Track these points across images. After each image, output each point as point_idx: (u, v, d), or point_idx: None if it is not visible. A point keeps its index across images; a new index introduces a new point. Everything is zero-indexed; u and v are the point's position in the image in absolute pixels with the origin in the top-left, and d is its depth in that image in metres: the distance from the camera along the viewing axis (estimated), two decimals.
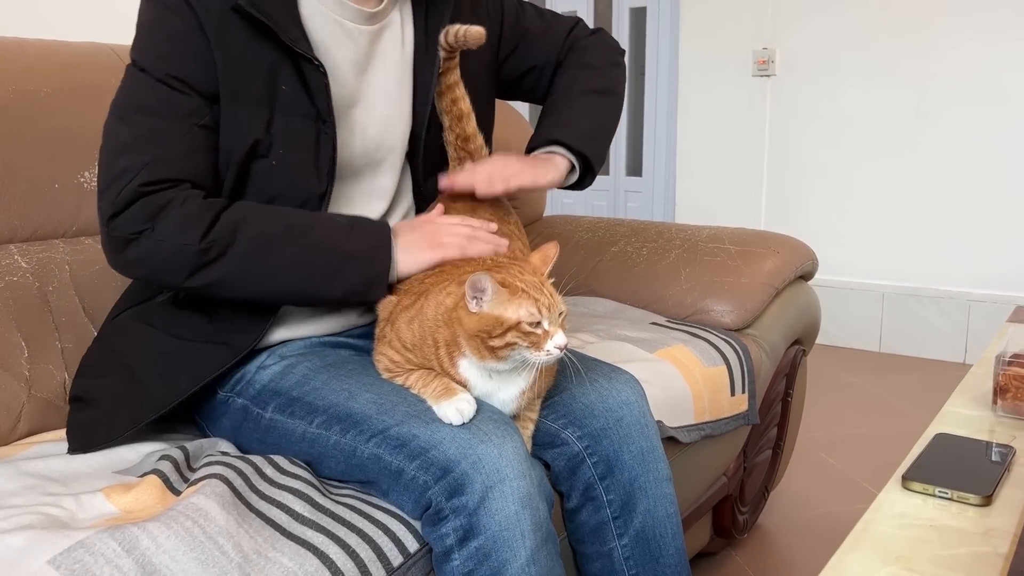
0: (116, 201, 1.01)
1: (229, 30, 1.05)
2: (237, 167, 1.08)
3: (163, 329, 1.13)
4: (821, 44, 3.37)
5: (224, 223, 1.03)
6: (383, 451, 0.98)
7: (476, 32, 1.20)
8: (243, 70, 1.06)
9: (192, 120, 1.04)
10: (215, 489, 0.90)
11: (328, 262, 1.07)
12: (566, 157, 1.27)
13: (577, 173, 1.29)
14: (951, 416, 1.04)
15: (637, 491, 1.13)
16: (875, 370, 3.10)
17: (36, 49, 1.34)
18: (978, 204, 3.13)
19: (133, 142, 1.03)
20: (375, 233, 1.11)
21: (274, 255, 1.05)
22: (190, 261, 1.03)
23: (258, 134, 1.07)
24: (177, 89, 1.04)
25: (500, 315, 0.94)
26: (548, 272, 1.03)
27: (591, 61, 1.36)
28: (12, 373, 1.18)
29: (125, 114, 1.05)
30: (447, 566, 0.93)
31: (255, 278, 1.06)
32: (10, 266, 1.24)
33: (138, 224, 1.01)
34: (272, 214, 1.07)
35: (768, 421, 1.78)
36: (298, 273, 1.06)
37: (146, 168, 1.01)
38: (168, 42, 1.05)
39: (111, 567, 0.77)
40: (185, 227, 1.02)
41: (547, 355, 0.95)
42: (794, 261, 1.76)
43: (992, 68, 3.04)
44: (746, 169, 3.62)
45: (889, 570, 0.70)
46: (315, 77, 1.08)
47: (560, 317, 0.97)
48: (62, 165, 1.31)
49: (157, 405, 1.08)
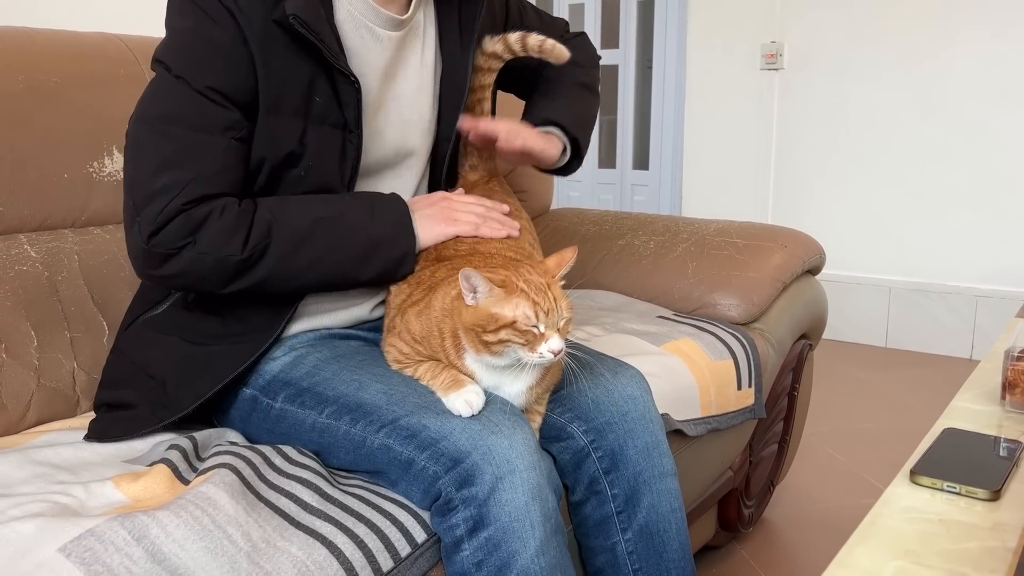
0: (157, 219, 1.00)
1: (271, 43, 1.03)
2: (268, 175, 1.08)
3: (178, 335, 1.13)
4: (830, 38, 3.36)
5: (258, 226, 1.04)
6: (393, 441, 0.98)
7: (561, 52, 1.25)
8: (283, 82, 1.05)
9: (231, 134, 1.03)
10: (224, 478, 0.90)
11: (360, 248, 1.10)
12: (560, 139, 1.30)
13: (567, 157, 1.32)
14: (959, 411, 1.04)
15: (641, 486, 1.13)
16: (881, 366, 3.10)
17: (45, 39, 1.34)
18: (986, 199, 3.12)
19: (173, 158, 1.01)
20: (395, 211, 1.14)
21: (309, 250, 1.07)
22: (233, 270, 1.04)
23: (292, 146, 1.07)
24: (217, 103, 1.02)
25: (496, 312, 0.94)
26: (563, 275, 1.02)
27: (578, 59, 1.38)
28: (21, 362, 1.19)
29: (161, 126, 1.02)
30: (456, 557, 0.94)
31: (293, 274, 1.07)
32: (20, 255, 1.24)
33: (180, 240, 1.01)
34: (299, 209, 1.08)
35: (774, 415, 1.77)
36: (333, 262, 1.09)
37: (189, 187, 1.00)
38: (209, 53, 1.02)
39: (121, 555, 0.78)
40: (226, 238, 1.02)
41: (540, 357, 0.95)
42: (801, 255, 1.76)
43: (1001, 62, 3.03)
44: (753, 163, 3.61)
45: (898, 563, 0.70)
46: (348, 91, 1.09)
47: (562, 323, 0.96)
48: (71, 155, 1.31)
49: (179, 408, 1.09)
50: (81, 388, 1.24)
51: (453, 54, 1.25)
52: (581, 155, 1.35)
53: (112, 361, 1.19)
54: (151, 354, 1.14)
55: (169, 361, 1.12)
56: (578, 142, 1.32)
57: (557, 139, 1.29)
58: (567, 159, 1.33)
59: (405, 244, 1.13)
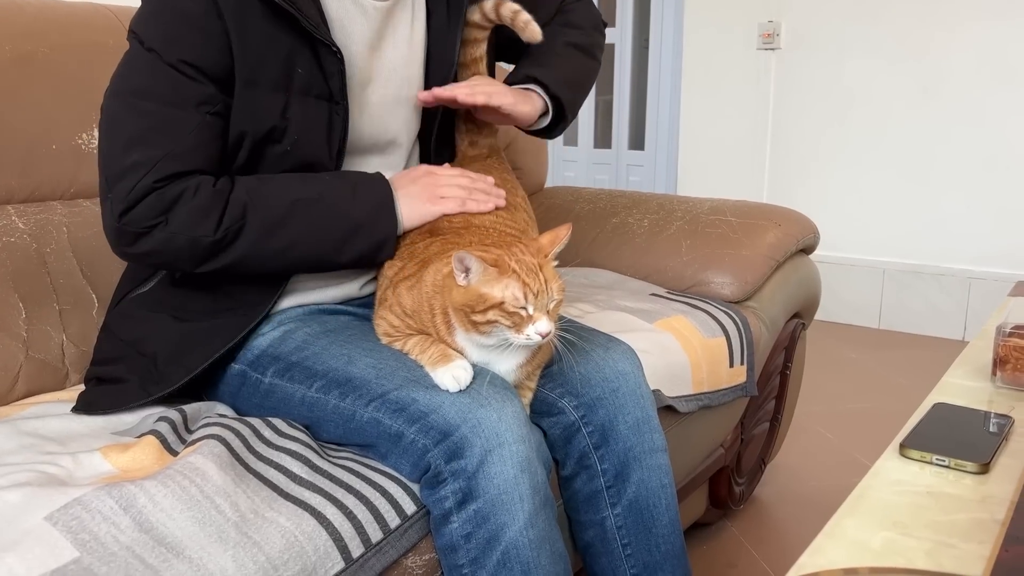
0: (128, 197, 0.98)
1: (247, 13, 1.01)
2: (249, 151, 1.06)
3: (167, 312, 1.12)
4: (827, 18, 3.34)
5: (233, 207, 1.02)
6: (382, 415, 0.98)
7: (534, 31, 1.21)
8: (261, 55, 1.03)
9: (204, 109, 1.01)
10: (213, 449, 0.90)
11: (337, 231, 1.07)
12: (541, 97, 1.25)
13: (549, 117, 1.27)
14: (950, 387, 1.04)
15: (631, 461, 1.13)
16: (874, 346, 3.11)
17: (34, 8, 1.33)
18: (981, 182, 3.11)
19: (143, 134, 0.99)
20: (378, 193, 1.10)
21: (285, 233, 1.05)
22: (205, 250, 1.02)
23: (274, 120, 1.05)
24: (189, 76, 1.00)
25: (485, 292, 0.94)
26: (556, 253, 1.01)
27: (575, 21, 1.35)
28: (10, 334, 1.18)
29: (132, 100, 1.00)
30: (445, 528, 0.94)
31: (268, 256, 1.06)
32: (7, 227, 1.23)
33: (151, 219, 0.99)
34: (277, 189, 1.06)
35: (766, 394, 1.78)
36: (309, 246, 1.07)
37: (159, 164, 0.99)
38: (181, 25, 1.00)
39: (108, 524, 0.77)
40: (199, 219, 1.00)
41: (527, 339, 0.94)
42: (795, 234, 1.75)
43: (999, 44, 3.02)
44: (749, 143, 3.60)
45: (886, 535, 0.70)
46: (331, 61, 1.06)
47: (552, 305, 0.96)
48: (60, 126, 1.30)
49: (169, 383, 1.08)
50: (70, 360, 1.24)
51: (440, 29, 1.22)
52: (567, 116, 1.28)
53: (102, 339, 1.18)
54: (140, 331, 1.13)
55: (159, 338, 1.11)
56: (561, 101, 1.25)
57: (537, 97, 1.24)
58: (549, 119, 1.27)
59: (386, 228, 1.10)
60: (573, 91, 1.29)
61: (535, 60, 1.28)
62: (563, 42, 1.32)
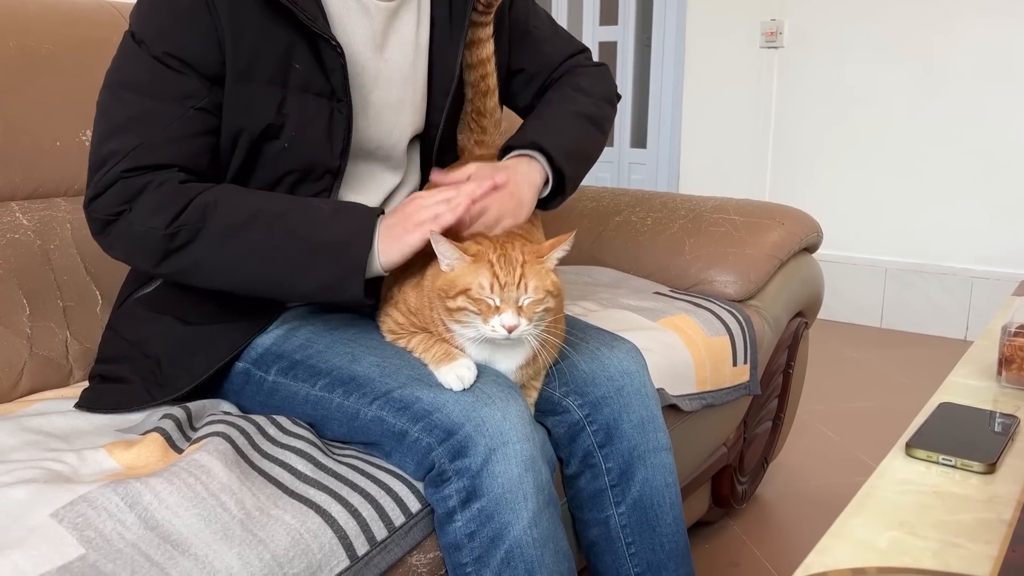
0: (99, 184, 0.99)
1: (241, 8, 1.00)
2: (246, 148, 1.04)
3: (171, 315, 1.11)
4: (830, 16, 3.33)
5: (195, 207, 0.98)
6: (386, 413, 0.98)
7: None
8: (256, 50, 1.01)
9: (189, 103, 1.00)
10: (218, 447, 0.90)
11: (297, 250, 0.98)
12: (543, 168, 1.17)
13: (548, 189, 1.18)
14: (955, 386, 1.04)
15: (636, 460, 1.13)
16: (876, 345, 3.10)
17: (38, 5, 1.33)
18: (983, 181, 3.11)
19: (122, 124, 0.99)
20: (359, 221, 1.00)
21: (239, 243, 0.98)
22: (159, 246, 0.98)
23: (270, 117, 1.03)
24: (175, 69, 0.99)
25: (456, 278, 0.95)
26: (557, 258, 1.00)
27: (588, 88, 1.28)
28: (14, 330, 1.18)
29: (118, 91, 1.01)
30: (449, 527, 0.94)
31: (223, 266, 1.00)
32: (12, 223, 1.23)
33: (116, 206, 0.98)
34: (248, 198, 1.01)
35: (769, 392, 1.78)
36: (264, 262, 0.99)
37: (132, 154, 0.98)
38: (171, 18, 1.00)
39: (113, 521, 0.77)
40: (155, 211, 0.98)
41: (492, 331, 0.94)
42: (799, 233, 1.75)
43: (1001, 44, 3.01)
44: (751, 142, 3.59)
45: (892, 534, 0.70)
46: (331, 56, 1.04)
47: (526, 302, 0.95)
48: (64, 122, 1.29)
49: (173, 388, 1.08)
50: (74, 357, 1.24)
51: (442, 37, 1.19)
52: (565, 191, 1.19)
53: (107, 338, 1.17)
54: (144, 332, 1.12)
55: (163, 340, 1.11)
56: (563, 174, 1.17)
57: (538, 165, 1.16)
58: (548, 191, 1.18)
59: (355, 257, 0.98)
60: (577, 166, 1.22)
61: (542, 125, 1.21)
62: (573, 111, 1.25)
